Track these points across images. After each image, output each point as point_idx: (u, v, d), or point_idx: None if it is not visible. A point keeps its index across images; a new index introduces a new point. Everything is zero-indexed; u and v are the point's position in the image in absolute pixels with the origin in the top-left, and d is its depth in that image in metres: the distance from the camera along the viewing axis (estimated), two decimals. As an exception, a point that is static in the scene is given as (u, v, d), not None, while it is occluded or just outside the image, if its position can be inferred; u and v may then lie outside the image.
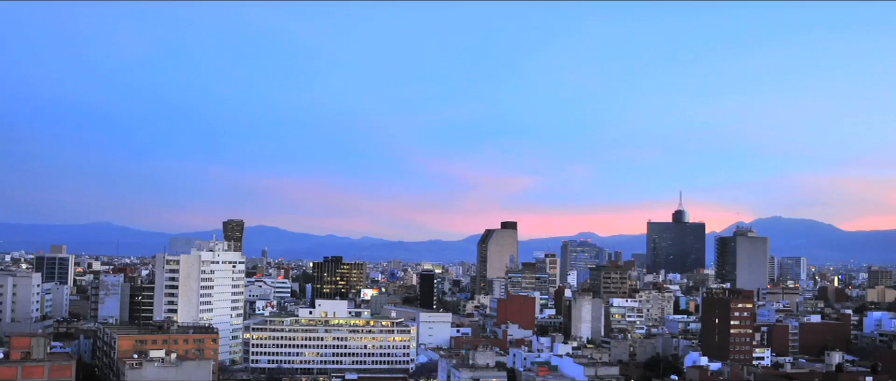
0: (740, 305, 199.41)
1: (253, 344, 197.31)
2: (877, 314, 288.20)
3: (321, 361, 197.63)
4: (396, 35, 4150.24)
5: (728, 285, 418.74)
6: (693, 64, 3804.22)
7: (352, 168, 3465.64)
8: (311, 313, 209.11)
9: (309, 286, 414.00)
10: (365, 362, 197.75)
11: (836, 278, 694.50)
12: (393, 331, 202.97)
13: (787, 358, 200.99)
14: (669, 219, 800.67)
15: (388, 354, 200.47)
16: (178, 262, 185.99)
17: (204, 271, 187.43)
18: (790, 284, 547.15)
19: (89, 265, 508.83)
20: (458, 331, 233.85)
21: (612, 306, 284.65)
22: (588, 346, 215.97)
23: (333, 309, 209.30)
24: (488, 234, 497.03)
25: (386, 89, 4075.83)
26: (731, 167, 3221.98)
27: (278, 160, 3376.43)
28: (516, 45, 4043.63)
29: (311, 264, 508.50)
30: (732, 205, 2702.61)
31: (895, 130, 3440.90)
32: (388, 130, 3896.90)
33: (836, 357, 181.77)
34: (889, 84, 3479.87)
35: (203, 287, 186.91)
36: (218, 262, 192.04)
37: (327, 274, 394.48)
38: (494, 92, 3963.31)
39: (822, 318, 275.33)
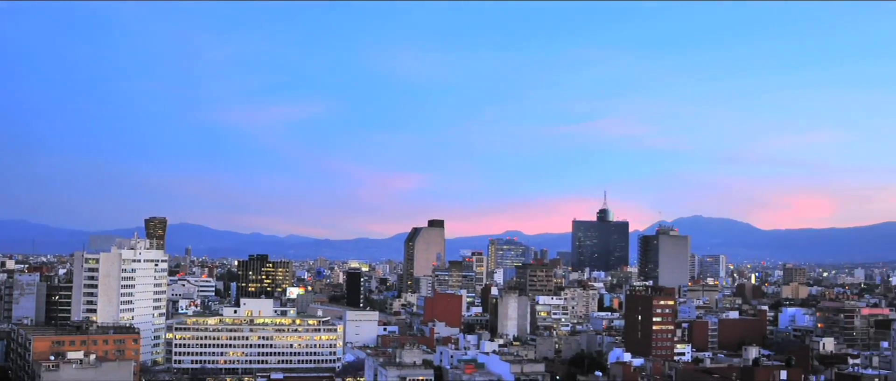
0: (662, 302, 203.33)
1: (176, 344, 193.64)
2: (791, 310, 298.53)
3: (246, 360, 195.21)
4: (235, 29, 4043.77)
5: (651, 282, 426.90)
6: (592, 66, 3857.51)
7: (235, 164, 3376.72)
8: (235, 312, 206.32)
9: (234, 285, 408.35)
10: (291, 361, 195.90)
11: (753, 276, 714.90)
12: (319, 330, 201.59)
13: (706, 353, 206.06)
14: (594, 217, 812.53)
15: (315, 353, 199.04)
16: (97, 260, 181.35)
17: (124, 270, 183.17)
18: (710, 281, 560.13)
19: (3, 264, 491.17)
20: (384, 329, 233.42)
21: (537, 303, 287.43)
22: (514, 343, 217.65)
23: (259, 308, 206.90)
24: (415, 232, 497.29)
25: (237, 80, 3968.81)
26: (652, 167, 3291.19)
27: (198, 158, 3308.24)
28: (355, 40, 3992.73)
29: (236, 263, 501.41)
30: (655, 204, 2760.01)
31: (805, 133, 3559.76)
32: (253, 124, 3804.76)
33: (753, 352, 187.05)
34: (802, 88, 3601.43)
35: (124, 286, 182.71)
36: (139, 260, 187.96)
37: (252, 273, 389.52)
38: (340, 86, 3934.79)
39: (740, 314, 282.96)
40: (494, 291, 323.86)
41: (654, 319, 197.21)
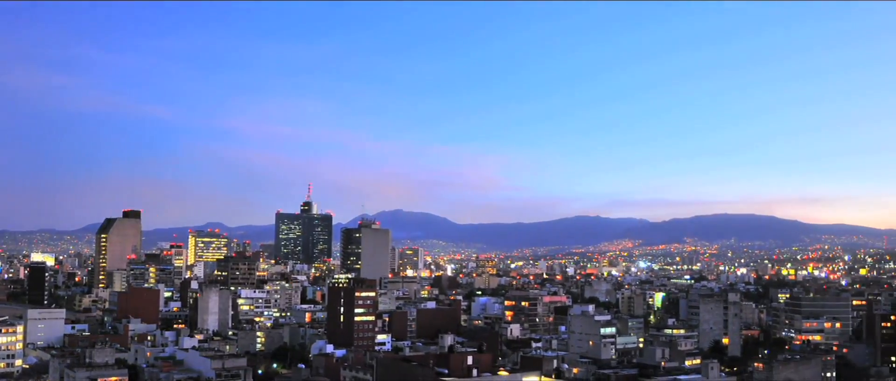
0: (364, 294, 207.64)
1: None
2: (483, 299, 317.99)
3: None
4: None
5: (353, 274, 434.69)
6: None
7: None
8: None
9: None
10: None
11: (449, 268, 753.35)
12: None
13: (406, 342, 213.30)
14: (298, 210, 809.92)
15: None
16: None
17: None
18: (410, 273, 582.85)
19: None
20: (72, 328, 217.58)
21: (240, 297, 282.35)
22: (215, 338, 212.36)
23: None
24: (109, 223, 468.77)
25: None
26: (356, 160, 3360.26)
27: None
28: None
29: None
30: (359, 198, 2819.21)
31: (500, 135, 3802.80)
32: None
33: (448, 339, 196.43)
34: (501, 91, 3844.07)
35: None
36: None
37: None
38: None
39: (437, 304, 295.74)
40: (194, 285, 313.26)
41: (356, 310, 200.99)
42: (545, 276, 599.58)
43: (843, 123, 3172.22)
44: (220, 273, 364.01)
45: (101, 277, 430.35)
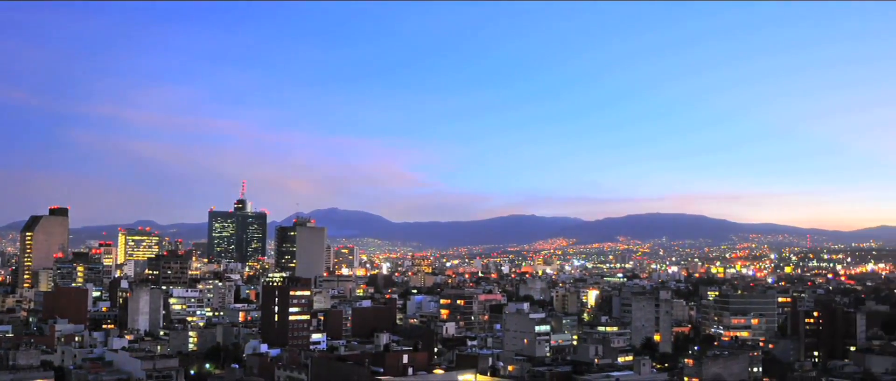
0: (298, 293, 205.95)
1: None
2: (418, 298, 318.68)
3: None
4: None
5: (288, 273, 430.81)
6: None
7: None
8: None
9: None
10: None
11: (385, 266, 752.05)
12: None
13: (341, 341, 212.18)
14: (231, 208, 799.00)
15: None
16: None
17: None
18: (345, 271, 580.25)
19: None
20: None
21: (171, 296, 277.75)
22: (146, 339, 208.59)
23: None
24: (35, 220, 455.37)
25: None
26: (293, 157, 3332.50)
27: None
28: None
29: None
30: (293, 195, 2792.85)
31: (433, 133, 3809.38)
32: None
33: (384, 338, 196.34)
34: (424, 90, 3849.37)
35: None
36: None
37: None
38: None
39: (373, 303, 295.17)
40: (125, 284, 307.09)
41: (291, 309, 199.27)
42: (480, 274, 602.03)
43: (769, 126, 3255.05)
44: (151, 272, 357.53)
45: (25, 276, 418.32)
